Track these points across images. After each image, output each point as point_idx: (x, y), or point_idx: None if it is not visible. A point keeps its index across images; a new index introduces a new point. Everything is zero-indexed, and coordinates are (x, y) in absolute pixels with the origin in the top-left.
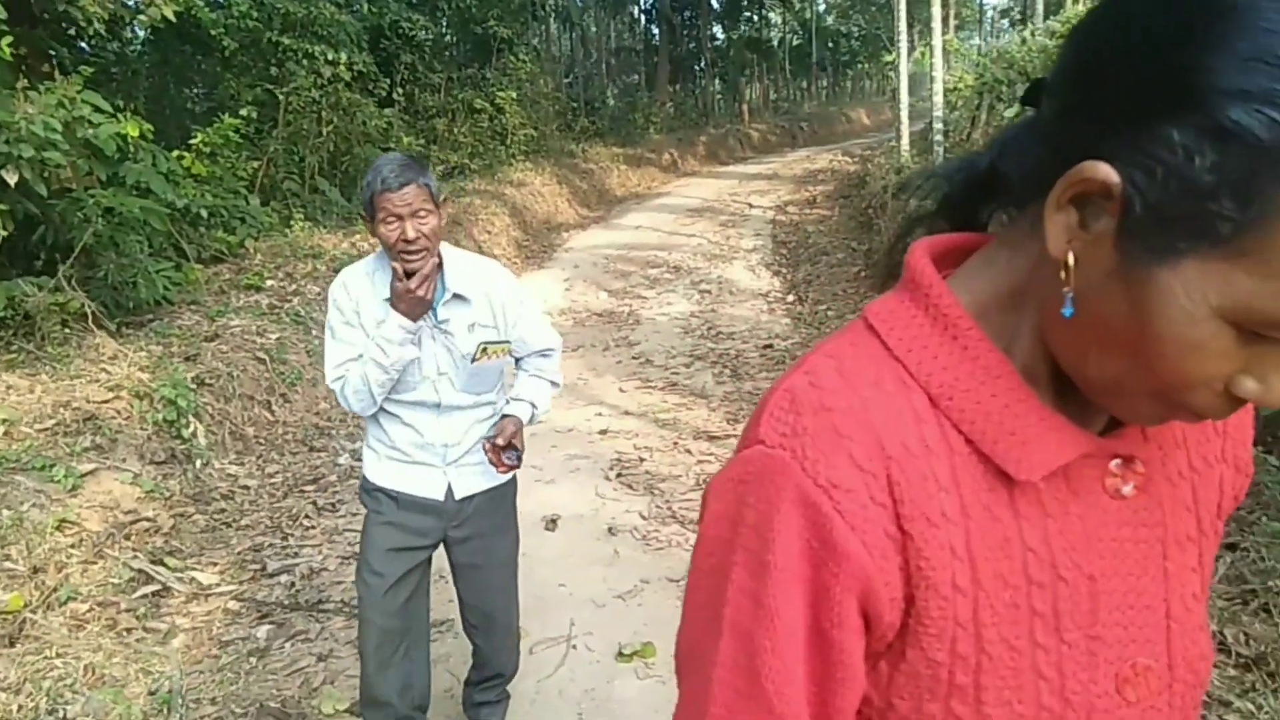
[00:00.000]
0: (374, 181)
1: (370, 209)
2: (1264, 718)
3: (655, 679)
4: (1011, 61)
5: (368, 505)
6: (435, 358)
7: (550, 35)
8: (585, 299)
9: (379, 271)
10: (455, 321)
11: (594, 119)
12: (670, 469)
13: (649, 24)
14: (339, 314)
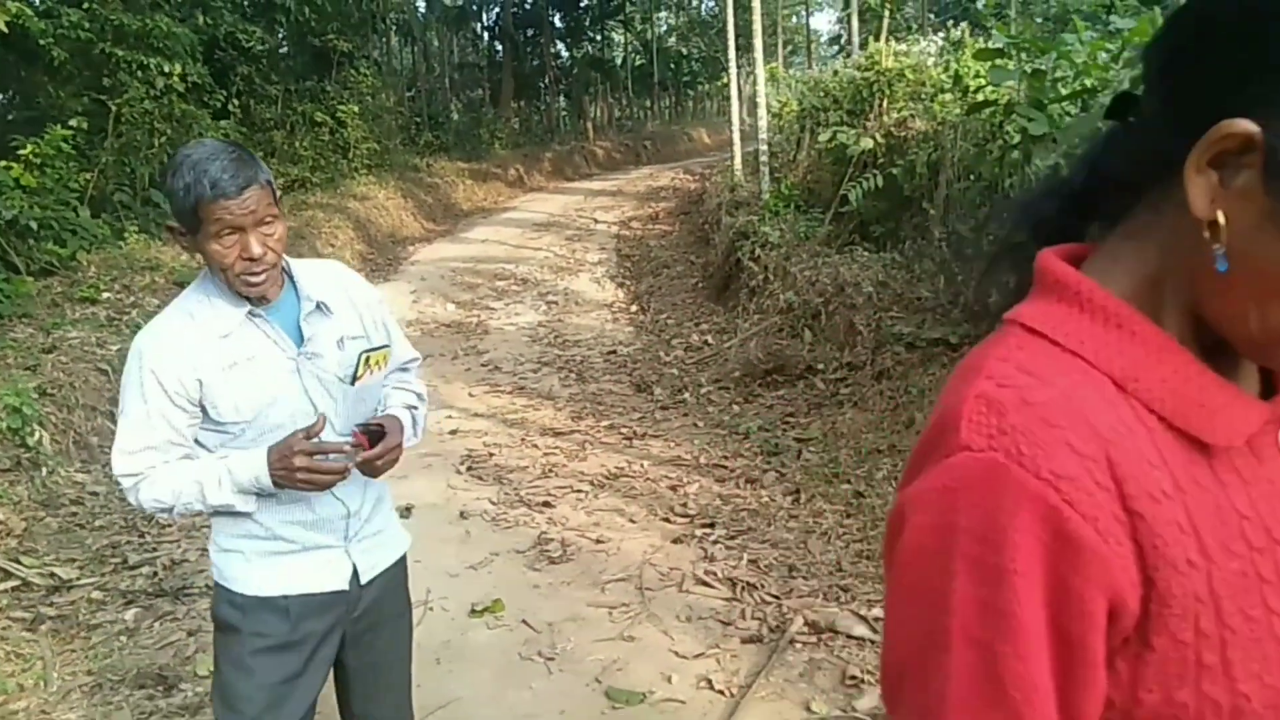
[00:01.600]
0: (197, 185)
1: (191, 220)
2: None
3: (504, 628)
4: (827, 90)
5: (238, 628)
6: (308, 396)
7: (391, 49)
8: (433, 310)
9: (207, 307)
10: (320, 339)
11: (438, 134)
12: (518, 461)
13: (493, 40)
14: (153, 383)
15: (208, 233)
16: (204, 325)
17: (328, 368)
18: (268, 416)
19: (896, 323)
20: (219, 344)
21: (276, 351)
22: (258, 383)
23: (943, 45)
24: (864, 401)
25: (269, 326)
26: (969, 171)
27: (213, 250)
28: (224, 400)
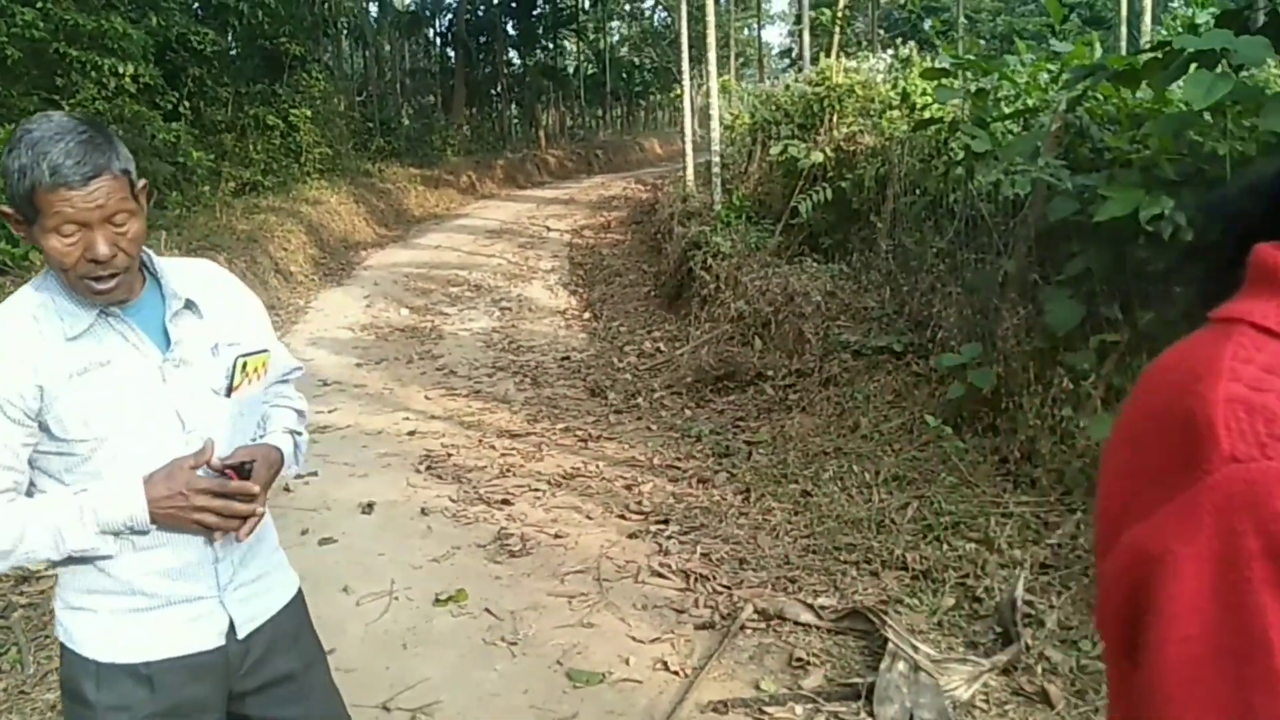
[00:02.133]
0: (34, 168)
1: (27, 208)
2: (922, 610)
3: (468, 616)
4: (779, 104)
5: (91, 701)
6: (175, 410)
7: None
8: (387, 315)
9: (50, 308)
10: (190, 344)
11: (390, 139)
12: (476, 461)
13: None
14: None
15: (45, 225)
16: (47, 327)
17: (199, 377)
18: (124, 433)
19: (843, 331)
20: (66, 347)
21: (137, 356)
22: (113, 392)
23: (891, 63)
24: (812, 406)
25: (127, 328)
26: (915, 186)
27: (51, 246)
28: (71, 413)
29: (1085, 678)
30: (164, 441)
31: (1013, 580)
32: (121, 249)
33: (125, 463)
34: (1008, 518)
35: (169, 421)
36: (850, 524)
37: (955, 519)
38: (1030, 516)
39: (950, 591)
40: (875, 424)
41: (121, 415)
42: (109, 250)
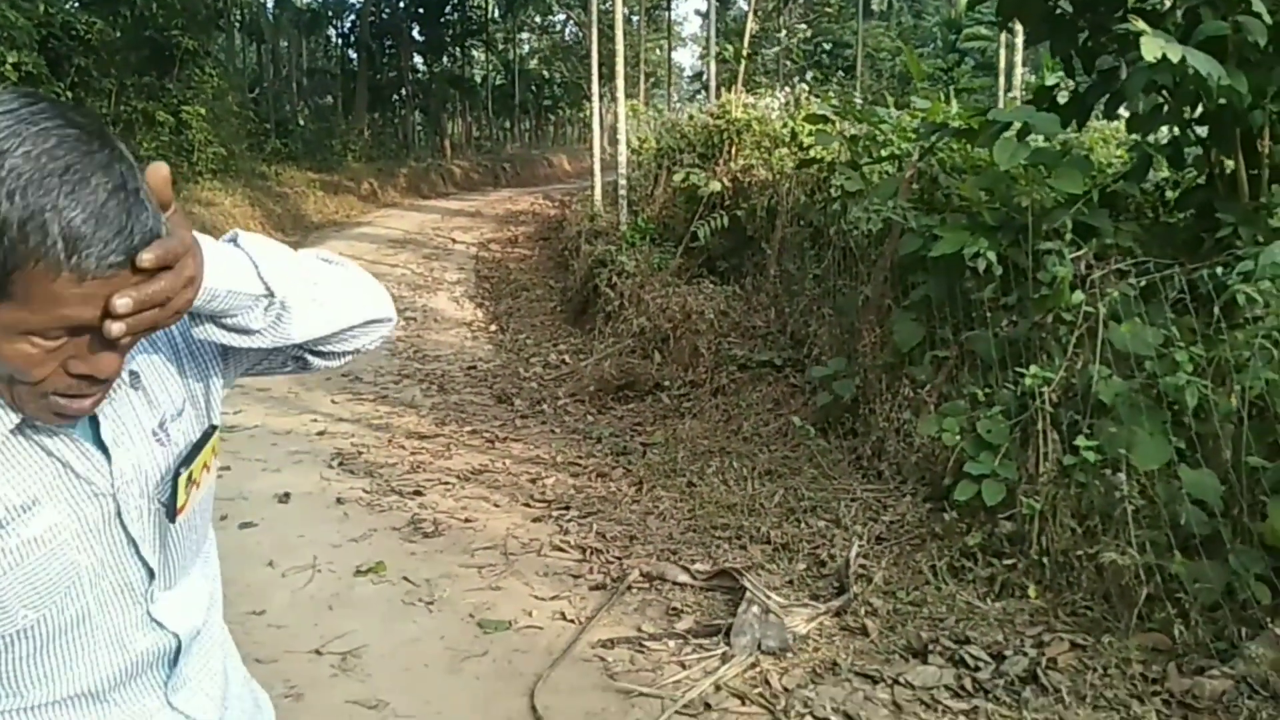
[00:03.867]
0: (26, 231)
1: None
2: (779, 573)
3: (387, 584)
4: (683, 133)
5: None
6: (135, 551)
7: (234, 47)
8: None
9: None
10: (137, 441)
11: (286, 141)
12: (387, 459)
13: (346, 48)
14: None
15: (15, 321)
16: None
17: (146, 490)
18: (66, 608)
19: (733, 347)
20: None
21: (77, 484)
22: (46, 555)
23: (786, 100)
24: (702, 413)
25: (63, 438)
26: (799, 218)
27: (12, 353)
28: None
29: (897, 618)
30: (115, 602)
31: (849, 548)
32: (120, 363)
33: (61, 647)
34: (855, 502)
35: (126, 571)
36: (727, 508)
37: (813, 503)
38: (873, 500)
39: (803, 559)
40: (755, 428)
41: (64, 584)
42: (116, 364)
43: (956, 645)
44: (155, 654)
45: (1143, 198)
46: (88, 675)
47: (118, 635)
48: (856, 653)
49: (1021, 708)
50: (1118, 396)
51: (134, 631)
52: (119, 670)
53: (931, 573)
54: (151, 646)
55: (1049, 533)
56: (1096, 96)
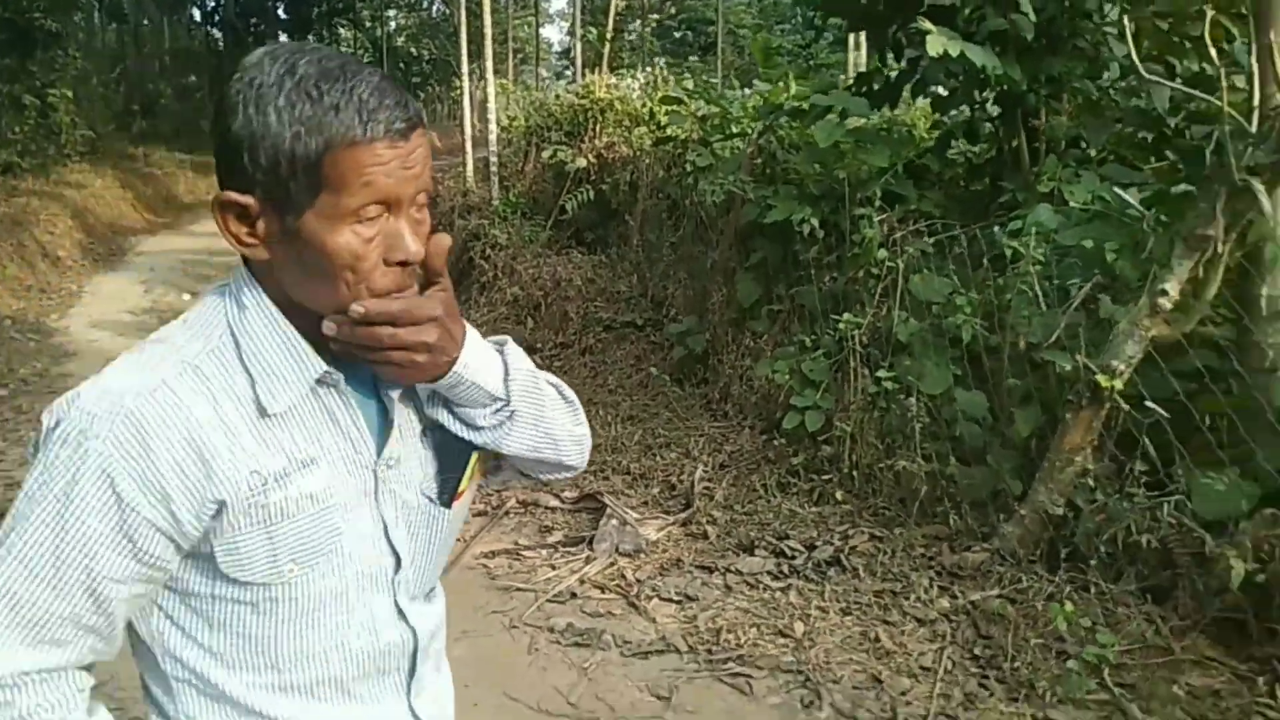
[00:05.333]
0: (328, 117)
1: (303, 182)
2: (636, 497)
3: None
4: (550, 112)
5: None
6: (388, 540)
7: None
8: (169, 299)
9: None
10: (409, 428)
11: (154, 122)
12: None
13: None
14: (106, 514)
15: (334, 209)
16: (227, 400)
17: (411, 480)
18: (316, 580)
19: (600, 310)
20: (256, 434)
21: (350, 453)
22: (318, 513)
23: (644, 82)
24: (571, 371)
25: (345, 406)
26: (658, 191)
27: (338, 245)
28: (256, 544)
29: (732, 524)
30: (362, 591)
31: (695, 473)
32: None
33: (301, 627)
34: (703, 437)
35: (377, 557)
36: (594, 449)
37: (668, 440)
38: (718, 435)
39: (657, 485)
40: (619, 380)
41: (324, 550)
42: (419, 247)
43: (778, 541)
44: (400, 649)
45: (944, 169)
46: (340, 660)
47: (370, 621)
48: (697, 551)
49: (825, 583)
50: (912, 336)
51: (383, 620)
52: (369, 661)
53: (763, 489)
54: (397, 640)
55: (857, 450)
56: (905, 81)
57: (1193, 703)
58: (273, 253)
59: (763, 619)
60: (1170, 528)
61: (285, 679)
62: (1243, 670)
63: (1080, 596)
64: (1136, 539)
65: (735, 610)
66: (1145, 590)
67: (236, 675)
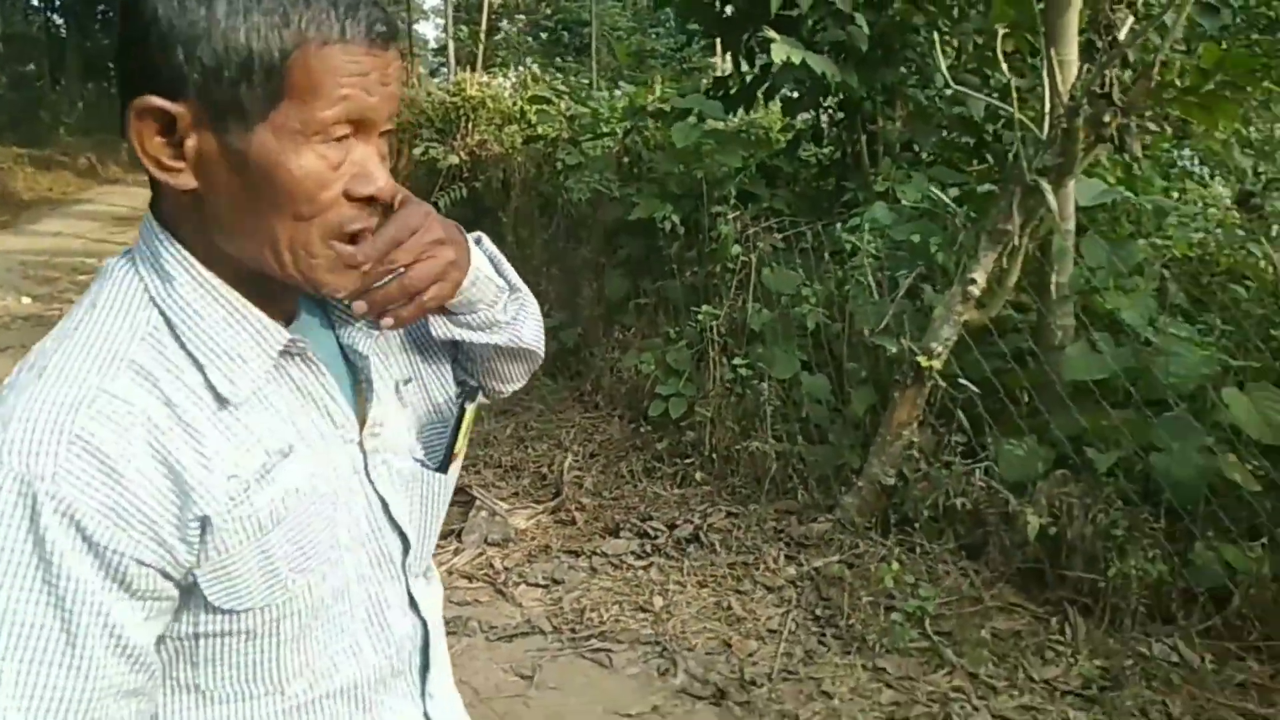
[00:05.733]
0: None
1: (264, 86)
2: (508, 488)
3: None
4: (422, 109)
5: None
6: (389, 517)
7: None
8: (5, 303)
9: (175, 343)
10: (385, 388)
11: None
12: None
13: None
14: (86, 565)
15: (301, 120)
16: (174, 387)
17: (399, 446)
18: (318, 584)
19: None
20: (222, 427)
21: (328, 429)
22: (309, 508)
23: (515, 82)
24: None
25: (314, 374)
26: (531, 189)
27: (300, 168)
28: (249, 565)
29: (599, 510)
30: (368, 588)
31: (565, 462)
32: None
33: (312, 641)
34: (574, 428)
35: (380, 542)
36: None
37: (540, 433)
38: (589, 425)
39: (528, 476)
40: None
41: (324, 549)
42: (389, 182)
43: (642, 522)
44: (411, 643)
45: (795, 169)
46: (350, 665)
47: (379, 613)
48: (565, 537)
49: (685, 560)
50: (764, 325)
51: (395, 611)
52: (380, 660)
53: (630, 475)
54: (410, 632)
55: (716, 434)
56: (758, 86)
57: (998, 644)
58: (203, 181)
59: (624, 596)
60: (981, 491)
61: (290, 701)
62: (1040, 613)
63: (907, 557)
64: (953, 502)
65: (599, 590)
66: (962, 547)
67: (234, 708)
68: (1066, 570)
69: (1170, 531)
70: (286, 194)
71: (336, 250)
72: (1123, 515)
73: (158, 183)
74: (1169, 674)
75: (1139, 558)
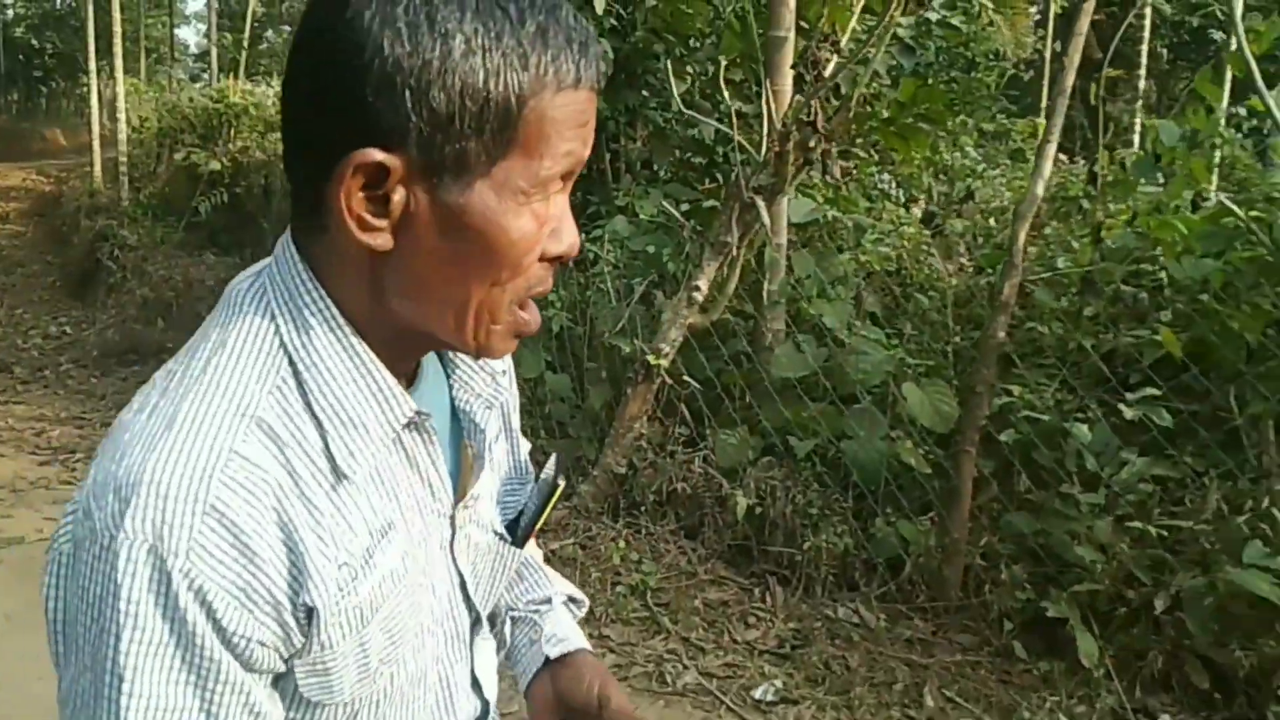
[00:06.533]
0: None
1: (492, 138)
2: None
3: None
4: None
5: None
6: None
7: None
8: None
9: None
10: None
11: None
12: None
13: None
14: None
15: (523, 175)
16: (300, 455)
17: (483, 518)
18: (400, 672)
19: None
20: (337, 504)
21: (427, 501)
22: (403, 594)
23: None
24: None
25: (425, 445)
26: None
27: (519, 230)
28: (349, 659)
29: None
30: (449, 669)
31: None
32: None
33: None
34: None
35: (457, 621)
36: None
37: None
38: None
39: None
40: None
41: (412, 632)
42: (577, 236)
43: None
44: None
45: None
46: None
47: (447, 699)
48: None
49: None
50: None
51: (460, 694)
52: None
53: None
54: (472, 713)
55: None
56: None
57: (708, 611)
58: (401, 241)
59: None
60: (700, 477)
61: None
62: (746, 584)
63: (634, 538)
64: (675, 487)
65: None
66: (682, 528)
67: None
68: (770, 546)
69: (857, 510)
70: (498, 259)
71: (516, 317)
72: (818, 496)
73: (317, 229)
74: (850, 633)
75: (830, 533)
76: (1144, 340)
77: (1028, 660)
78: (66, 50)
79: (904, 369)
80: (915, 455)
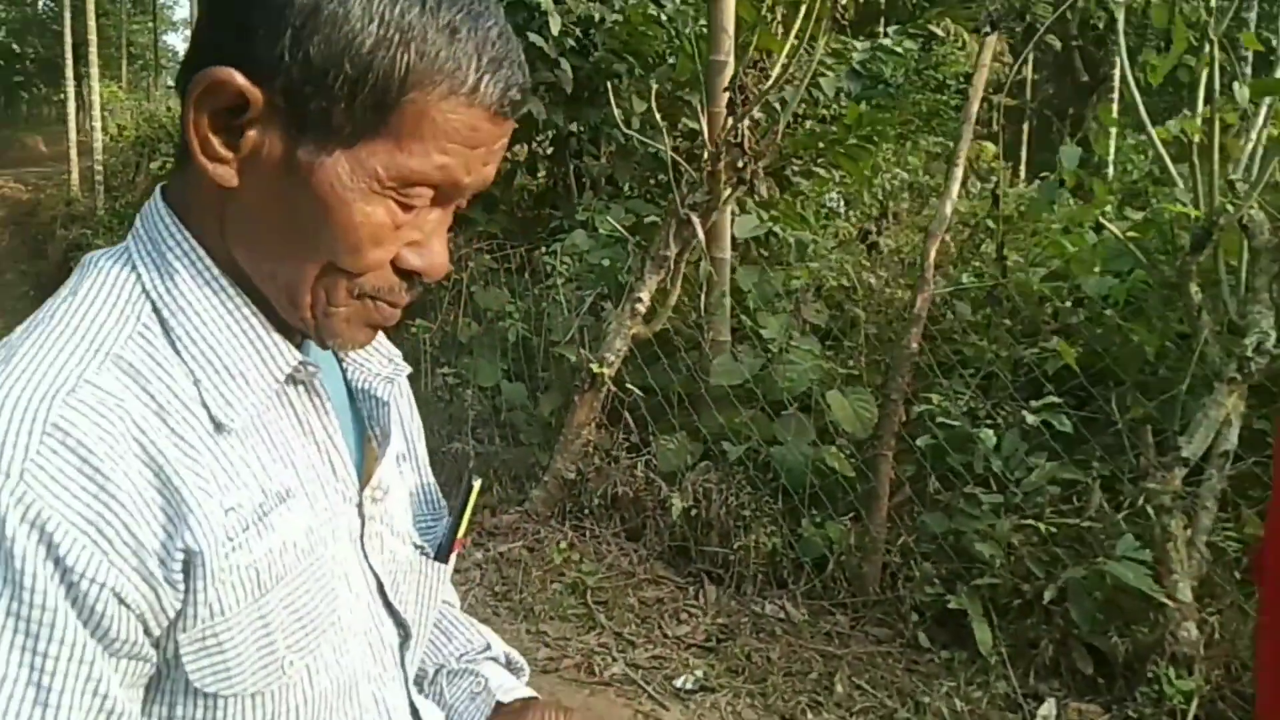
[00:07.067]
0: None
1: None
2: None
3: None
4: (161, 123)
5: None
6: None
7: None
8: None
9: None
10: (389, 457)
11: None
12: None
13: None
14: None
15: (384, 162)
16: (171, 398)
17: (395, 524)
18: (320, 672)
19: None
20: (219, 454)
21: (329, 478)
22: (309, 570)
23: None
24: None
25: (319, 410)
26: None
27: (363, 214)
28: (246, 630)
29: None
30: (382, 688)
31: None
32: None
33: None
34: None
35: (381, 631)
36: None
37: None
38: None
39: None
40: None
41: (324, 616)
42: (444, 263)
43: None
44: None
45: (514, 197)
46: None
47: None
48: None
49: None
50: (471, 338)
51: (399, 717)
52: None
53: None
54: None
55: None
56: None
57: (643, 609)
58: (246, 183)
59: None
60: (642, 481)
61: None
62: (681, 583)
63: (580, 540)
64: (619, 491)
65: None
66: (625, 530)
67: None
68: (705, 546)
69: (786, 511)
70: (335, 236)
71: (365, 305)
72: (750, 498)
73: (183, 166)
74: (774, 627)
75: (760, 533)
76: (1045, 352)
77: (932, 650)
78: (48, 56)
79: (831, 378)
80: (838, 459)
